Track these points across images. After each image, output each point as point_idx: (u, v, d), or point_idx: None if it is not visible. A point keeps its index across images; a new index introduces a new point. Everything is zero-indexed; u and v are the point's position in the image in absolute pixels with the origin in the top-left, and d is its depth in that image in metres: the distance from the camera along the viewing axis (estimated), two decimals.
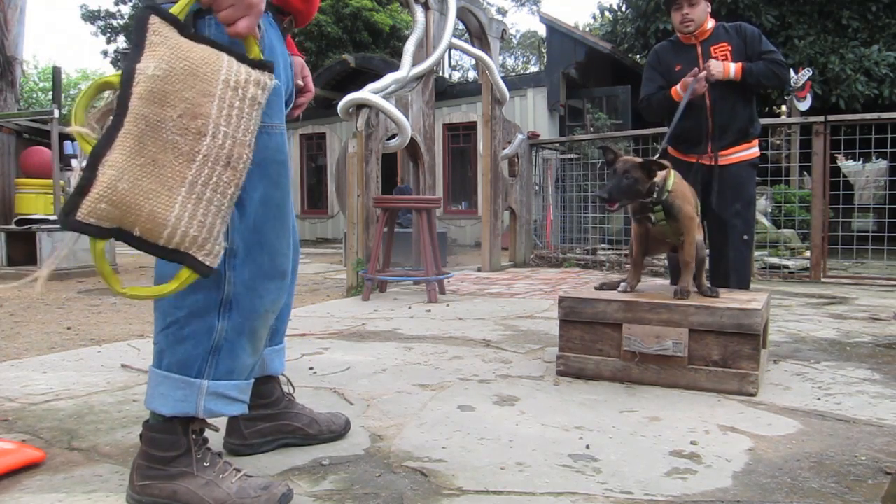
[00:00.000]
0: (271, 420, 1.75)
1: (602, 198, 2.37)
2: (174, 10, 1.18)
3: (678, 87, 3.07)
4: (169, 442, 1.39)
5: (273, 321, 1.51)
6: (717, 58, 3.06)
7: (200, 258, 1.19)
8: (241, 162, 1.21)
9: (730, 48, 3.09)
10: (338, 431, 1.83)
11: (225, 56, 1.20)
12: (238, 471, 1.44)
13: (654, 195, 2.43)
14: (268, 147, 1.37)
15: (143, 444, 1.42)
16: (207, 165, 1.17)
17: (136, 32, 1.16)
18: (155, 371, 1.39)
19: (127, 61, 1.15)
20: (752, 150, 3.16)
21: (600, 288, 2.66)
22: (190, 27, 1.23)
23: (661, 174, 2.42)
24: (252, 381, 1.48)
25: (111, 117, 1.14)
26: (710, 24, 3.14)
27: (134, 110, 1.13)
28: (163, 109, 1.13)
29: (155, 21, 1.16)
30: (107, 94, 1.17)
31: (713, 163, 3.08)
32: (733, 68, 2.98)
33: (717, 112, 3.05)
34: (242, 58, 1.23)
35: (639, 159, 2.39)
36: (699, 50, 3.13)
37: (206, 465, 1.42)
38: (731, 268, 3.08)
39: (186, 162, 1.16)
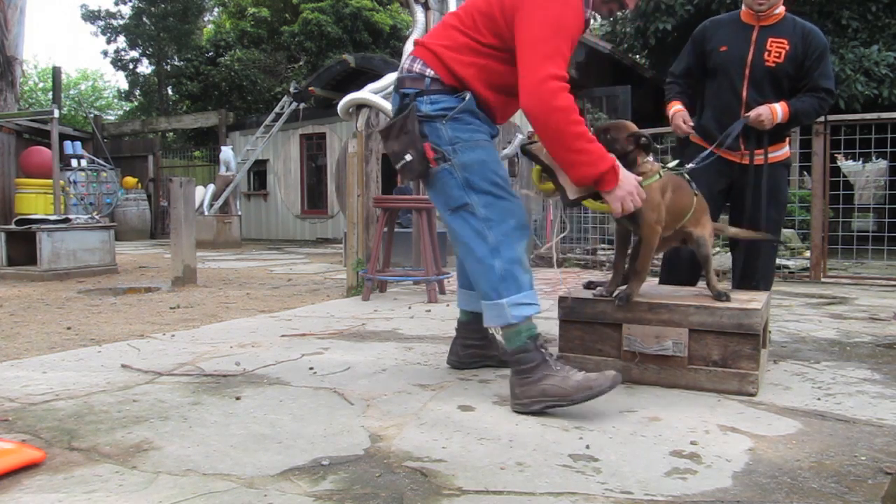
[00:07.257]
0: (479, 348, 2.57)
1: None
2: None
3: (673, 118, 2.96)
4: (528, 358, 2.06)
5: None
6: (769, 51, 2.84)
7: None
8: None
9: (786, 48, 2.83)
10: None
11: None
12: (578, 370, 2.07)
13: None
14: None
15: (512, 367, 2.10)
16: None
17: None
18: (483, 303, 2.15)
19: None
20: (783, 151, 2.99)
21: (588, 286, 2.64)
22: None
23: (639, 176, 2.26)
24: (534, 289, 2.13)
25: None
26: (780, 9, 2.90)
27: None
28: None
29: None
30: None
31: (744, 161, 2.90)
32: (780, 114, 2.79)
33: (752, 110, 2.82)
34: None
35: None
36: (755, 34, 2.88)
37: (557, 368, 2.05)
38: (761, 275, 2.94)
39: None
